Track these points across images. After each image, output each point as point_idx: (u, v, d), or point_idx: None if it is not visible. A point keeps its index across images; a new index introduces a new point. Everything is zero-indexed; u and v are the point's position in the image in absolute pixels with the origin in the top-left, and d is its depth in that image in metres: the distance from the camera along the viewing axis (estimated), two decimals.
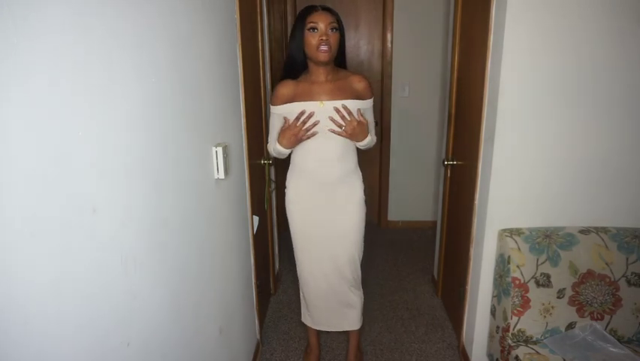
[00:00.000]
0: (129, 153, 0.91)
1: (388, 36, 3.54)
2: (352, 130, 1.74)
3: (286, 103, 1.75)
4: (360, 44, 3.63)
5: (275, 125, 1.84)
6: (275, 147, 1.83)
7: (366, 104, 1.82)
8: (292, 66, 1.76)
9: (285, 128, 1.76)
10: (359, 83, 1.80)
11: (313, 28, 1.65)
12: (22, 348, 0.62)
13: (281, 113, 1.79)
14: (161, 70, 1.08)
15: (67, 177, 0.71)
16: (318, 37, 1.64)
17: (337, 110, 1.71)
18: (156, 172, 1.05)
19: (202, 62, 1.40)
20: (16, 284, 0.60)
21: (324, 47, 1.64)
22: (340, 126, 1.74)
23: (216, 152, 1.50)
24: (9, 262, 0.59)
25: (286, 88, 1.76)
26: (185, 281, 1.24)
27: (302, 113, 1.71)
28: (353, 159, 1.87)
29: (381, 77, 3.66)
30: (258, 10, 2.29)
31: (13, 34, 0.59)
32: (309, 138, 1.76)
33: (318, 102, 1.72)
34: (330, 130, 1.74)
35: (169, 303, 1.12)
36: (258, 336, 2.29)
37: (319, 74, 1.75)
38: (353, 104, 1.74)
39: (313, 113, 1.72)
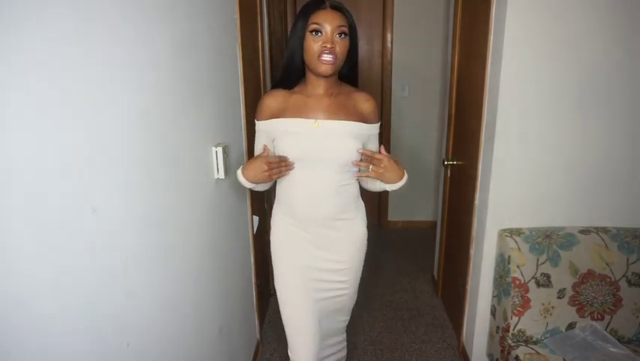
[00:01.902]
0: (129, 153, 0.91)
1: (388, 36, 3.54)
2: (384, 169, 1.38)
3: (273, 118, 1.42)
4: (360, 44, 3.61)
5: (259, 144, 1.49)
6: (237, 174, 1.44)
7: (373, 129, 1.46)
8: (289, 73, 1.42)
9: (260, 156, 1.39)
10: (365, 103, 1.44)
11: (316, 31, 1.30)
12: (22, 348, 0.62)
13: (266, 130, 1.44)
14: (162, 70, 1.08)
15: (67, 177, 0.71)
16: (320, 44, 1.30)
17: (362, 153, 1.38)
18: (156, 172, 1.05)
19: (202, 62, 1.40)
20: (16, 284, 0.60)
21: (327, 57, 1.30)
22: (367, 166, 1.39)
23: (216, 152, 1.49)
24: (9, 261, 0.59)
25: (274, 99, 1.43)
26: (184, 281, 1.24)
27: (286, 159, 1.39)
28: (353, 190, 1.50)
29: (381, 77, 3.66)
30: (258, 10, 2.29)
31: (13, 34, 0.59)
32: (278, 176, 1.41)
33: (311, 121, 1.38)
34: (357, 176, 1.44)
35: (169, 303, 1.12)
36: (258, 336, 2.29)
37: (318, 85, 1.40)
38: (356, 128, 1.40)
39: (292, 166, 1.40)
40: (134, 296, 0.93)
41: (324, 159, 1.39)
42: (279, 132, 1.41)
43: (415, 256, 3.36)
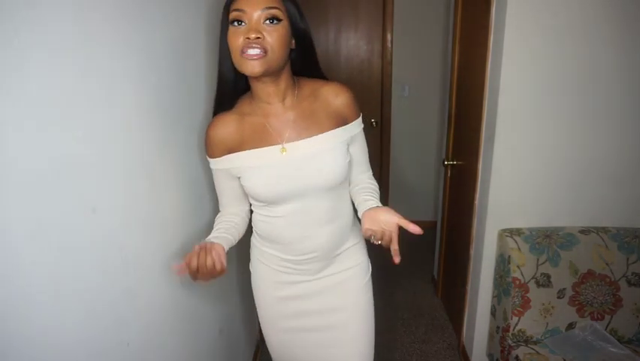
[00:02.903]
0: (129, 153, 0.91)
1: (388, 36, 3.54)
2: (384, 237, 1.07)
3: (229, 152, 1.10)
4: (360, 44, 3.63)
5: (220, 187, 1.19)
6: None
7: (355, 128, 1.15)
8: (222, 88, 1.10)
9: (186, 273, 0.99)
10: (337, 98, 1.11)
11: (238, 21, 0.97)
12: (22, 348, 0.62)
13: (224, 169, 1.13)
14: (162, 70, 1.08)
15: (67, 177, 0.71)
16: (242, 36, 0.96)
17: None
18: (156, 172, 1.05)
19: (202, 62, 1.40)
20: (16, 284, 0.60)
21: (251, 51, 0.95)
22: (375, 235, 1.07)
23: None
24: (9, 261, 0.59)
25: (224, 128, 1.09)
26: (185, 281, 1.24)
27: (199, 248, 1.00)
28: (348, 212, 1.22)
29: (381, 77, 3.65)
30: None
31: (14, 35, 0.59)
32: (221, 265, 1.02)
33: (277, 147, 1.07)
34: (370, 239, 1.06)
35: (169, 303, 1.12)
36: (258, 336, 2.29)
37: (268, 94, 1.07)
38: (335, 136, 1.10)
39: (211, 249, 1.01)
40: (135, 296, 0.93)
41: (306, 190, 1.09)
42: (241, 170, 1.10)
43: (415, 256, 3.35)
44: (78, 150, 0.73)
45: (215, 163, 1.14)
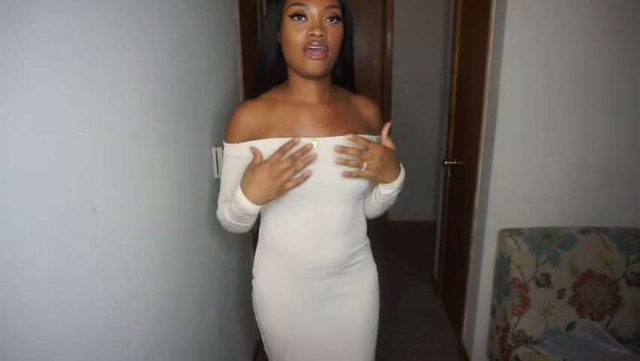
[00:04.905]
0: (129, 153, 0.91)
1: (388, 36, 3.54)
2: (381, 164, 1.04)
3: (253, 139, 1.04)
4: (361, 44, 3.63)
5: (231, 176, 1.09)
6: (235, 203, 1.02)
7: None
8: (263, 77, 1.08)
9: (256, 165, 1.00)
10: (367, 109, 1.14)
11: (298, 15, 0.95)
12: (22, 348, 0.62)
13: (246, 157, 1.05)
14: (162, 70, 1.08)
15: (68, 177, 0.71)
16: (306, 32, 0.95)
17: (346, 147, 1.02)
18: (156, 172, 1.05)
19: (202, 62, 1.40)
20: (16, 284, 0.60)
21: (316, 51, 0.96)
22: (358, 166, 1.03)
23: (216, 152, 1.49)
24: (9, 261, 0.59)
25: (252, 113, 1.04)
26: (184, 281, 1.24)
27: (291, 143, 1.00)
28: (364, 223, 1.19)
29: (381, 77, 3.66)
30: (258, 10, 2.29)
31: (14, 34, 0.59)
32: (298, 185, 1.01)
33: (308, 140, 1.03)
34: (345, 175, 1.03)
35: (169, 303, 1.12)
36: (258, 336, 2.29)
37: (308, 90, 1.05)
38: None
39: (310, 146, 1.01)
40: (135, 296, 0.93)
41: (331, 191, 1.05)
42: (265, 156, 1.01)
43: (415, 256, 3.36)
44: (78, 150, 0.73)
45: (234, 149, 1.07)
